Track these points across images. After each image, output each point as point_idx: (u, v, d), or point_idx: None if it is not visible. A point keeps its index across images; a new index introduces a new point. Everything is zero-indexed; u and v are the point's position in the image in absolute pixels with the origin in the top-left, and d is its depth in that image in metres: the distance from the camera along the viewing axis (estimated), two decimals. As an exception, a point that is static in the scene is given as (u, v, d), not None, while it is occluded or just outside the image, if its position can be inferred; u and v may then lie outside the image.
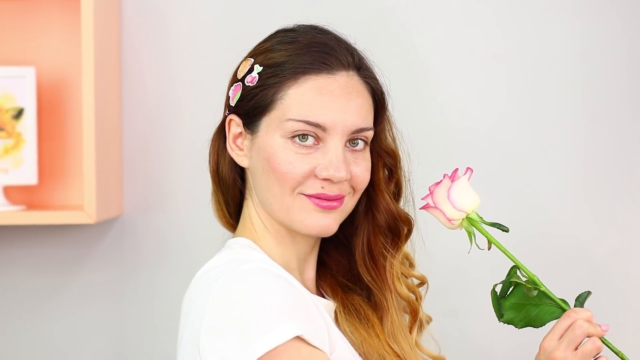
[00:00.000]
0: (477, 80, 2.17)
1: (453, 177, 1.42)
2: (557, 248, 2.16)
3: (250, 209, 1.54)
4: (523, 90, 2.17)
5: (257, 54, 1.53)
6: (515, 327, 1.44)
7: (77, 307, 2.19)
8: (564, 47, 2.16)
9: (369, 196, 1.56)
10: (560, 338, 1.38)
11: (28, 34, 2.15)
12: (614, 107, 2.15)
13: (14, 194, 2.16)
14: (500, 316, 1.44)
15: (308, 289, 1.54)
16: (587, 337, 1.38)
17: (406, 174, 1.59)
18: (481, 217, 1.42)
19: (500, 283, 1.43)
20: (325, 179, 1.46)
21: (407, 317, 1.61)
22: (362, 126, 1.49)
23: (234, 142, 1.52)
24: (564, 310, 1.41)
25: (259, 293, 1.38)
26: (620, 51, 2.15)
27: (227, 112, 1.54)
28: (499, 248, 1.40)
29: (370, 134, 1.51)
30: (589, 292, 1.43)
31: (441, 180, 1.42)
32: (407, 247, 1.60)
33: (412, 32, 2.16)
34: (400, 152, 1.57)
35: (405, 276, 1.60)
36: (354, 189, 1.50)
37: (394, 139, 1.57)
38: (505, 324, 1.44)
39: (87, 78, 2.00)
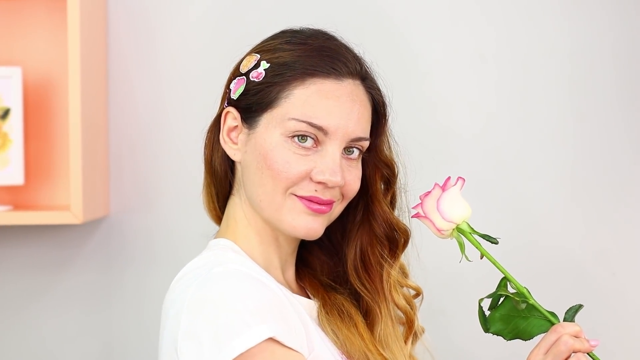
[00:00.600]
0: (464, 81, 2.17)
1: (444, 186, 1.42)
2: (545, 249, 2.16)
3: (236, 206, 1.54)
4: (510, 91, 2.17)
5: (263, 50, 1.52)
6: (504, 338, 1.44)
7: (64, 308, 2.19)
8: (552, 47, 2.16)
9: (366, 206, 1.57)
10: (546, 353, 1.38)
11: (14, 34, 2.15)
12: (602, 107, 2.16)
13: (1, 194, 2.16)
14: (485, 329, 1.44)
15: (290, 287, 1.55)
16: (574, 352, 1.38)
17: (402, 185, 1.59)
18: (472, 228, 1.42)
19: (487, 297, 1.43)
20: (320, 183, 1.47)
21: (401, 329, 1.61)
22: (361, 135, 1.49)
23: (228, 135, 1.52)
24: (552, 324, 1.41)
25: (232, 295, 1.38)
26: (608, 51, 2.15)
27: (225, 104, 1.54)
28: (489, 259, 1.41)
29: (366, 144, 1.52)
30: (580, 306, 1.43)
31: (432, 190, 1.42)
32: (402, 259, 1.61)
33: (400, 32, 2.16)
34: (397, 164, 1.58)
35: (400, 286, 1.60)
36: (343, 196, 1.51)
37: (391, 151, 1.58)
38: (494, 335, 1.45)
39: (73, 78, 2.00)
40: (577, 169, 2.16)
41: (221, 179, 1.56)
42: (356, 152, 1.51)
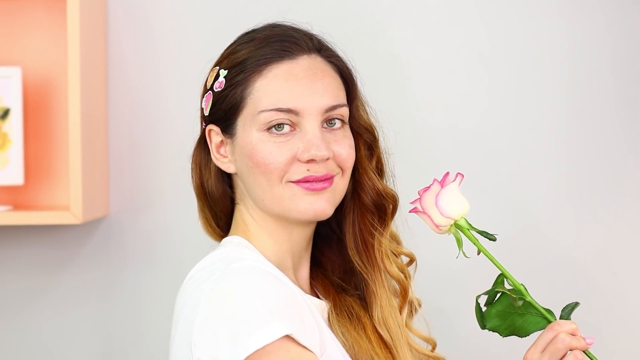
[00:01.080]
0: (461, 80, 2.17)
1: (443, 182, 1.42)
2: (541, 249, 2.16)
3: (243, 213, 1.54)
4: (508, 90, 2.17)
5: (220, 60, 1.55)
6: (500, 335, 1.44)
7: (63, 308, 2.19)
8: (549, 47, 2.16)
9: (354, 177, 1.56)
10: (543, 351, 1.38)
11: (14, 34, 2.15)
12: (599, 106, 2.16)
13: (0, 194, 2.16)
14: (482, 326, 1.44)
15: (302, 288, 1.54)
16: (570, 350, 1.37)
17: (385, 149, 1.59)
18: (470, 224, 1.41)
19: (484, 293, 1.43)
20: (308, 161, 1.47)
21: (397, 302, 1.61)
22: (334, 104, 1.50)
23: (218, 151, 1.54)
24: (549, 322, 1.41)
25: (250, 291, 1.38)
26: (605, 51, 2.15)
27: (203, 124, 1.56)
28: (487, 256, 1.40)
29: (344, 111, 1.52)
30: (576, 303, 1.43)
31: (430, 185, 1.42)
32: (393, 228, 1.61)
33: (397, 31, 2.17)
34: (376, 127, 1.58)
35: (394, 254, 1.60)
36: (341, 168, 1.51)
37: (368, 115, 1.58)
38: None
39: (73, 78, 2.00)
40: (576, 168, 2.16)
41: (218, 199, 1.57)
42: (338, 122, 1.51)
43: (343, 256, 1.61)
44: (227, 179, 1.57)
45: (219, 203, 1.57)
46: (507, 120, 2.17)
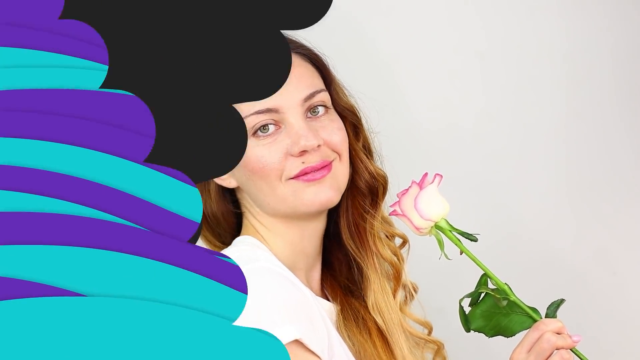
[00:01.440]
0: (459, 80, 2.17)
1: (421, 183, 1.42)
2: (541, 248, 2.16)
3: (252, 221, 1.55)
4: (507, 90, 2.17)
5: None
6: (486, 335, 1.44)
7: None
8: (549, 47, 2.16)
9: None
10: (529, 351, 1.38)
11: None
12: (599, 106, 2.15)
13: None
14: (467, 329, 1.44)
15: (313, 289, 1.55)
16: (557, 349, 1.37)
17: (369, 128, 1.60)
18: (451, 225, 1.42)
19: (467, 295, 1.43)
20: (300, 154, 1.48)
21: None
22: (310, 91, 1.51)
23: None
24: (534, 321, 1.40)
25: (261, 293, 1.38)
26: (605, 51, 2.15)
27: None
28: (469, 256, 1.41)
29: (324, 96, 1.52)
30: (561, 300, 1.42)
31: (409, 188, 1.42)
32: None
33: (395, 31, 2.17)
34: (357, 106, 1.59)
35: (387, 237, 1.60)
36: (337, 153, 1.52)
37: (348, 97, 1.59)
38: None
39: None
40: (576, 168, 2.15)
41: (221, 219, 1.58)
42: (321, 109, 1.52)
43: (346, 252, 1.62)
44: (228, 195, 1.58)
45: (222, 223, 1.59)
46: (505, 119, 2.17)
